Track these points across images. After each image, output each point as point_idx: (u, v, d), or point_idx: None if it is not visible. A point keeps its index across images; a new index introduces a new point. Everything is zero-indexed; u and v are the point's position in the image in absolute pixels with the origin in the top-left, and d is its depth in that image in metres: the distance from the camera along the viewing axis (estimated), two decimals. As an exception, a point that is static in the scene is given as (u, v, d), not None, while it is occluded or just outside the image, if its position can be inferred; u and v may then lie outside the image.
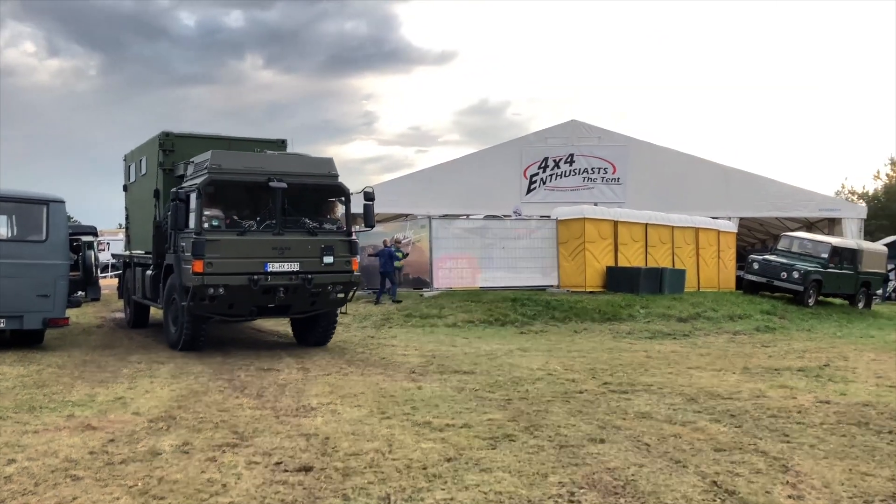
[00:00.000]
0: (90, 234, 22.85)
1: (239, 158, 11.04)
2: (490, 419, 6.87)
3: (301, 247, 10.84)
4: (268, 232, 10.70)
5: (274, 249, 10.64)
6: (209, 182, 10.49)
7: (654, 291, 19.39)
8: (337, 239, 11.24)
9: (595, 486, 4.94)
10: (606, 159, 31.65)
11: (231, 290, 10.38)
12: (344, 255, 11.19)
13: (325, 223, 11.48)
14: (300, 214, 11.11)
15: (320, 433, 6.17)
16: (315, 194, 11.50)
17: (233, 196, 11.03)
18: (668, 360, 11.25)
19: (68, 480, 4.75)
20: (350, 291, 11.48)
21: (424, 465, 5.28)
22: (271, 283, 10.57)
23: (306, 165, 11.39)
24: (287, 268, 10.69)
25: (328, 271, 10.98)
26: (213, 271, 10.26)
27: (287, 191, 10.74)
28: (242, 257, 10.49)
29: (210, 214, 10.58)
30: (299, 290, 10.79)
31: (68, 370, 9.23)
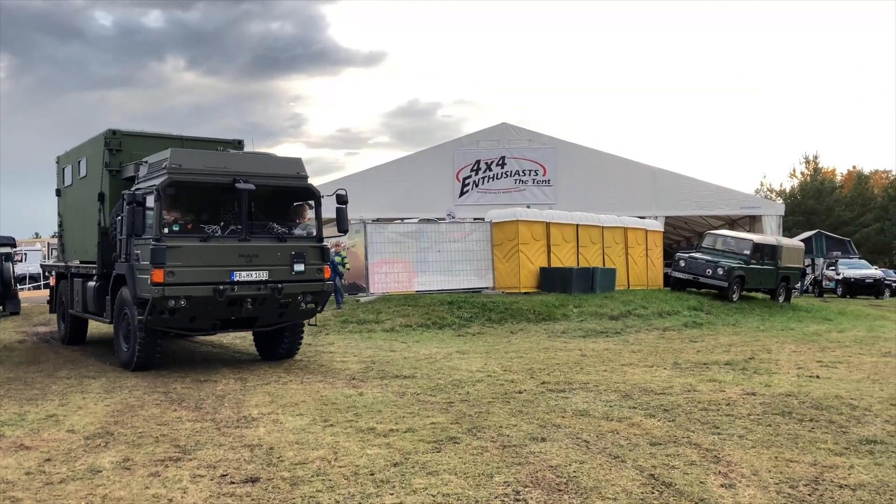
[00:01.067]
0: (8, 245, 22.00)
1: (201, 157, 10.19)
2: (433, 423, 6.96)
3: (270, 254, 10.10)
4: (233, 238, 9.93)
5: (241, 257, 9.87)
6: (169, 183, 9.63)
7: (587, 291, 19.84)
8: (308, 245, 10.53)
9: (539, 484, 5.09)
10: (537, 161, 32.22)
11: (193, 302, 9.59)
12: (315, 263, 10.49)
13: (295, 228, 10.81)
14: (267, 219, 10.36)
15: (264, 443, 6.15)
16: (283, 197, 10.81)
17: (194, 199, 10.22)
18: (602, 358, 11.56)
19: (7, 503, 4.62)
20: (322, 301, 10.97)
21: (371, 471, 5.33)
22: (238, 293, 9.79)
23: (274, 166, 10.59)
24: (255, 276, 9.94)
25: (299, 280, 10.28)
26: (175, 281, 9.43)
27: (253, 193, 10.00)
28: (206, 265, 9.68)
29: (170, 219, 9.76)
30: (268, 301, 10.06)
31: (-6, 388, 8.89)
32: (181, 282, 9.48)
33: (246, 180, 9.92)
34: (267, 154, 11.19)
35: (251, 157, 10.81)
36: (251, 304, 9.94)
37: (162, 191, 9.59)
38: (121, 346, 10.56)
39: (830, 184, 57.28)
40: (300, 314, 10.81)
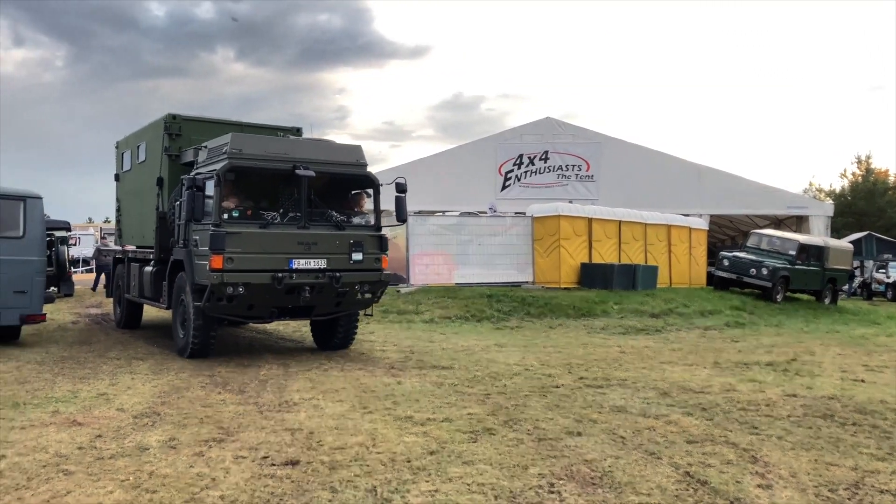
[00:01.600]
0: (63, 228, 22.67)
1: (261, 143, 10.04)
2: (470, 413, 7.04)
3: (328, 242, 9.91)
4: (292, 225, 9.77)
5: (299, 244, 9.71)
6: (229, 168, 9.50)
7: (628, 288, 19.70)
8: (366, 234, 10.28)
9: (573, 477, 5.13)
10: (580, 156, 32.02)
11: (252, 290, 9.41)
12: (373, 252, 10.26)
13: (353, 217, 10.56)
14: (326, 206, 10.15)
15: (304, 428, 6.29)
16: (342, 185, 10.62)
17: (254, 185, 10.10)
18: (641, 356, 11.51)
19: (60, 475, 4.83)
20: (379, 291, 10.61)
21: (408, 458, 5.43)
22: (296, 281, 9.61)
23: (333, 153, 10.38)
24: (313, 265, 9.75)
25: (357, 269, 10.07)
26: (234, 268, 9.28)
27: (313, 180, 9.80)
28: (265, 253, 9.51)
29: (229, 205, 9.64)
30: (325, 290, 9.86)
31: (48, 367, 9.24)
32: (240, 268, 9.33)
33: (306, 167, 9.75)
34: (326, 141, 11.00)
35: (311, 143, 10.63)
36: (309, 292, 9.76)
37: (222, 176, 9.46)
38: (178, 332, 10.51)
39: (883, 185, 55.64)
40: (357, 304, 10.63)
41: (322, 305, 10.24)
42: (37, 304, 10.89)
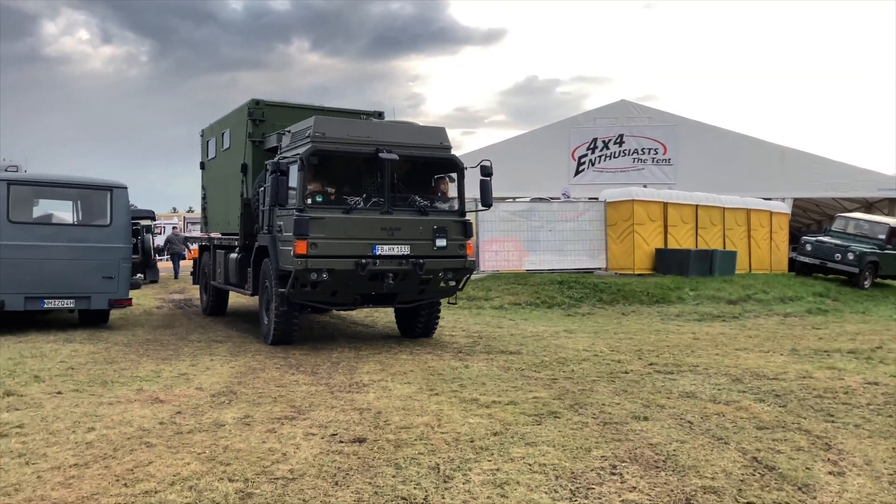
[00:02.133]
0: (148, 217, 23.69)
1: (344, 126, 9.84)
2: (535, 397, 7.07)
3: (412, 227, 9.75)
4: (375, 210, 9.62)
5: (383, 230, 9.57)
6: (313, 151, 9.38)
7: (704, 274, 19.25)
8: (450, 220, 10.06)
9: (637, 460, 5.11)
10: (657, 140, 31.33)
11: (335, 276, 9.31)
12: (457, 238, 10.04)
13: (437, 201, 10.28)
14: (409, 191, 9.96)
15: (373, 408, 6.46)
16: (425, 168, 10.39)
17: (337, 169, 10.01)
18: (715, 342, 11.27)
19: (143, 447, 5.13)
20: (463, 279, 10.34)
21: (472, 439, 5.51)
22: (379, 267, 9.47)
23: (417, 135, 10.14)
24: (397, 251, 9.61)
25: (441, 256, 9.86)
26: (317, 253, 9.19)
27: (396, 164, 9.66)
28: (349, 238, 9.40)
29: (313, 189, 9.57)
30: (409, 277, 9.73)
31: (134, 348, 9.73)
32: (324, 254, 9.24)
33: (389, 150, 9.59)
34: (410, 123, 10.69)
35: (394, 126, 10.41)
36: (392, 279, 9.60)
37: (306, 160, 9.37)
38: (262, 318, 10.56)
39: None
40: (441, 292, 10.44)
41: (405, 293, 10.10)
42: (123, 290, 11.45)
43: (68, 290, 11.03)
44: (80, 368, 8.03)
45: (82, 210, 12.45)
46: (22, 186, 11.30)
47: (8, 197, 10.74)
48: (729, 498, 4.40)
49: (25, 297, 10.76)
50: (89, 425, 5.66)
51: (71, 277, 10.97)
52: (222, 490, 4.26)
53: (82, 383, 7.25)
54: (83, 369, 7.99)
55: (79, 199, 12.39)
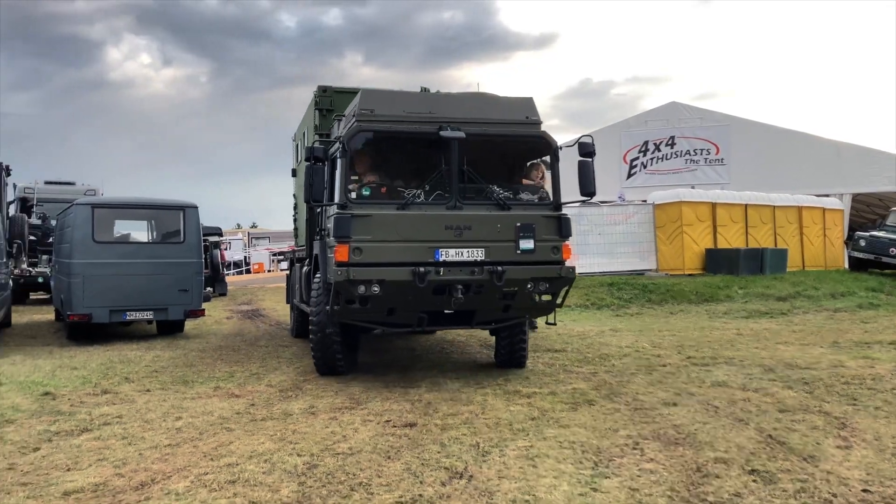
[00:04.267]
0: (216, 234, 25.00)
1: (400, 100, 8.00)
2: (574, 388, 7.65)
3: (487, 225, 7.70)
4: (440, 204, 7.69)
5: (448, 229, 7.59)
6: (357, 131, 7.62)
7: (755, 272, 19.38)
8: (539, 214, 7.90)
9: (659, 438, 5.67)
10: (709, 140, 31.35)
11: (388, 289, 7.40)
12: (550, 239, 7.86)
13: (522, 192, 8.19)
14: (486, 179, 7.93)
15: (423, 399, 7.14)
16: (507, 149, 8.46)
17: (390, 153, 8.28)
18: (757, 337, 11.60)
19: (224, 431, 5.93)
20: (561, 291, 8.10)
21: (511, 423, 6.14)
22: (444, 277, 7.47)
23: (495, 109, 8.13)
24: (467, 255, 7.60)
25: (527, 262, 7.75)
26: (362, 260, 7.37)
27: (467, 144, 7.68)
28: (404, 241, 7.52)
29: (367, 180, 7.91)
30: (486, 290, 7.63)
31: (209, 353, 10.64)
32: (370, 261, 7.41)
33: (456, 127, 7.69)
34: (486, 94, 8.69)
35: (466, 98, 8.45)
36: (462, 292, 7.55)
37: (347, 143, 7.59)
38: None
39: None
40: (533, 308, 8.33)
41: (485, 310, 8.04)
42: (197, 301, 12.43)
43: (148, 303, 12.04)
44: (163, 371, 8.95)
45: (157, 229, 13.52)
46: (104, 209, 12.39)
47: (93, 219, 11.81)
48: (736, 467, 4.92)
49: (110, 311, 11.79)
50: (177, 415, 6.50)
51: (150, 291, 11.98)
52: (292, 462, 5.00)
53: (167, 383, 8.14)
54: (166, 372, 8.90)
55: (154, 219, 13.49)
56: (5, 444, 5.61)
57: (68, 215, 12.33)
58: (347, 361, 8.62)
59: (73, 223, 11.73)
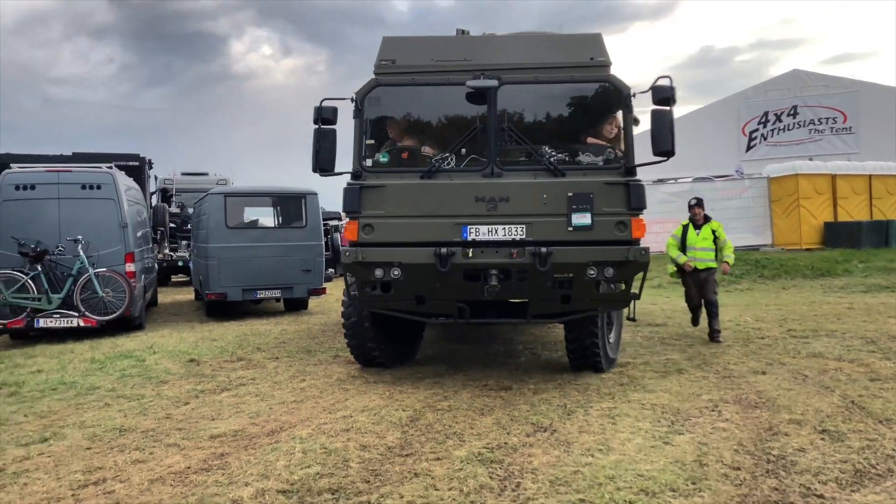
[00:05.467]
0: (336, 219, 26.38)
1: (427, 47, 6.80)
2: (668, 358, 7.99)
3: (529, 196, 6.34)
4: (475, 171, 6.45)
5: (479, 202, 6.32)
6: (373, 86, 6.58)
7: (879, 245, 18.62)
8: (601, 181, 6.35)
9: (739, 402, 5.99)
10: (835, 108, 29.91)
11: (410, 273, 6.37)
12: (614, 212, 6.31)
13: (584, 153, 6.67)
14: (536, 139, 6.58)
15: (521, 367, 7.71)
16: (564, 101, 6.78)
17: (416, 111, 7.04)
18: (869, 311, 11.38)
19: (340, 391, 6.74)
20: (631, 278, 6.59)
21: (599, 388, 6.61)
22: (474, 260, 6.27)
23: (548, 50, 6.71)
24: (503, 234, 6.31)
25: (583, 241, 6.28)
26: (374, 239, 6.43)
27: (509, 95, 6.51)
28: (424, 216, 6.40)
29: (379, 144, 6.88)
30: (529, 275, 6.32)
31: (329, 327, 11.61)
32: (384, 240, 6.44)
33: (494, 75, 6.40)
34: (539, 33, 7.49)
35: (511, 40, 7.19)
36: (499, 278, 6.32)
37: (361, 101, 6.56)
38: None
39: None
40: (601, 300, 6.70)
41: (538, 301, 6.70)
42: (319, 280, 13.47)
43: (275, 282, 13.18)
44: (290, 342, 9.94)
45: (281, 214, 14.69)
46: (235, 198, 13.62)
47: (225, 207, 13.04)
48: (808, 427, 5.20)
49: (242, 290, 13.01)
50: (301, 378, 7.38)
51: (277, 271, 13.11)
52: (398, 415, 5.70)
53: (292, 352, 9.10)
54: (292, 343, 9.88)
55: (278, 206, 14.66)
56: (162, 399, 6.65)
57: (203, 204, 13.62)
58: (389, 352, 7.76)
59: (208, 211, 12.97)
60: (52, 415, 6.13)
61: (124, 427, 5.65)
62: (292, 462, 4.62)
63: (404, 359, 8.15)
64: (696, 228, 9.60)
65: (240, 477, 4.40)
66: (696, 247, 9.48)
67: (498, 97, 6.45)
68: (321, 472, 4.42)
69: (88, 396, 6.71)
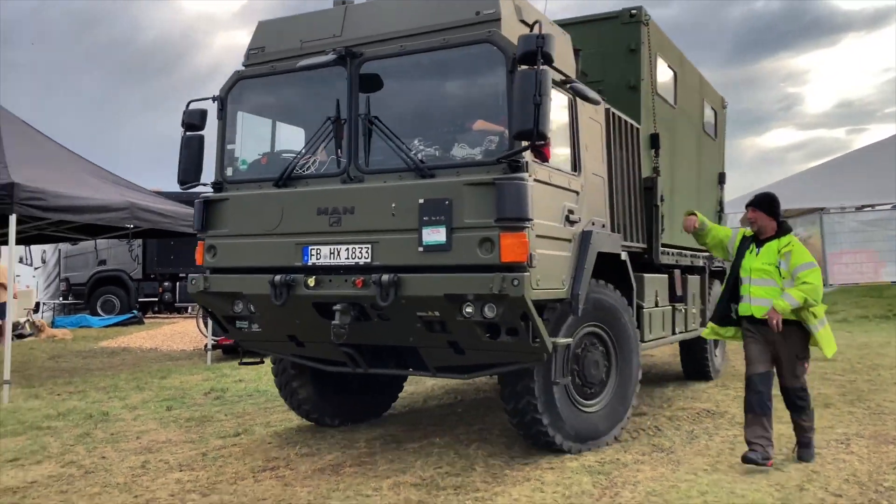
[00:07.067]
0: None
1: (294, 27, 5.58)
2: (820, 393, 7.87)
3: (376, 205, 4.93)
4: (336, 177, 5.15)
5: (321, 214, 5.07)
6: (234, 80, 5.65)
7: None
8: (462, 181, 4.71)
9: (875, 437, 5.95)
10: None
11: (258, 307, 5.38)
12: (476, 224, 4.62)
13: (461, 143, 5.00)
14: (409, 129, 5.14)
15: (665, 396, 7.98)
16: (450, 77, 5.25)
17: (287, 105, 5.89)
18: None
19: (482, 406, 7.43)
20: (518, 320, 4.66)
21: (733, 417, 6.77)
22: (317, 291, 5.01)
23: (423, 10, 5.12)
24: (345, 256, 4.99)
25: (437, 266, 4.71)
26: (217, 264, 5.52)
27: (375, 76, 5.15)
28: (262, 234, 5.32)
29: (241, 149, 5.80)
30: (385, 313, 4.93)
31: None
32: (228, 265, 5.49)
33: (345, 51, 5.11)
34: None
35: (382, 5, 5.39)
36: (345, 315, 4.92)
37: (223, 99, 5.69)
38: None
39: None
40: (502, 351, 4.96)
41: (428, 349, 5.23)
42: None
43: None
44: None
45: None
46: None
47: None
48: (937, 465, 5.14)
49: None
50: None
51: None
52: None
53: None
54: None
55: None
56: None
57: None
58: (330, 405, 6.46)
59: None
60: (245, 415, 7.36)
61: (300, 427, 6.71)
62: (428, 463, 5.38)
63: (358, 414, 6.68)
64: (757, 246, 5.45)
65: (382, 471, 5.22)
66: (750, 277, 5.35)
67: (359, 78, 5.12)
68: (449, 472, 5.13)
69: (276, 402, 7.92)
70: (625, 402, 5.97)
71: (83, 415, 7.37)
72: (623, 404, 5.94)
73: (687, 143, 8.66)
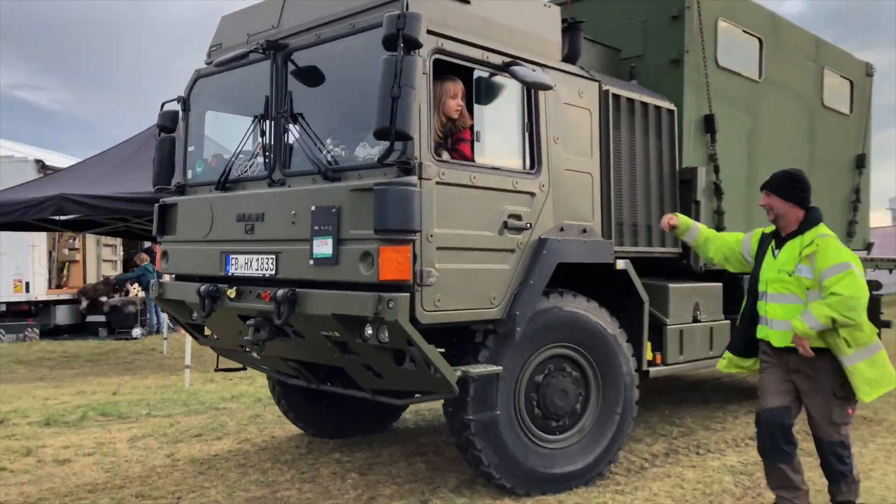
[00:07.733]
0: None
1: (245, 19, 5.28)
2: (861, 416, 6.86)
3: (280, 213, 4.59)
4: (262, 180, 4.82)
5: (240, 221, 4.81)
6: (194, 79, 5.46)
7: None
8: (349, 186, 4.22)
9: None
10: None
11: (199, 315, 5.24)
12: (359, 236, 4.10)
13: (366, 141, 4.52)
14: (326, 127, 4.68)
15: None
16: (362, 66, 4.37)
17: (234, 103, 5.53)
18: None
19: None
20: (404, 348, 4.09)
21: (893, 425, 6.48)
22: (234, 303, 4.74)
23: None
24: (256, 267, 4.72)
25: (326, 282, 4.29)
26: (169, 269, 5.53)
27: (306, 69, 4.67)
28: (195, 241, 5.21)
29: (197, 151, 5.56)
30: (303, 331, 4.59)
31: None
32: (176, 271, 5.54)
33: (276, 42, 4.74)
34: None
35: None
36: (257, 331, 4.60)
37: (185, 99, 5.49)
38: None
39: None
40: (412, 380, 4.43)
41: (355, 371, 4.76)
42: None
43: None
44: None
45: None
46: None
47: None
48: None
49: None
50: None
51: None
52: (668, 429, 6.32)
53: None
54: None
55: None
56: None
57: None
58: (311, 416, 6.13)
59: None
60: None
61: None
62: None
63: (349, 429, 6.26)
64: (777, 245, 4.08)
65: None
66: (767, 291, 4.04)
67: (286, 74, 4.70)
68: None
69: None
70: (610, 432, 4.98)
71: (253, 398, 8.10)
72: (608, 435, 4.97)
73: (784, 121, 7.33)
